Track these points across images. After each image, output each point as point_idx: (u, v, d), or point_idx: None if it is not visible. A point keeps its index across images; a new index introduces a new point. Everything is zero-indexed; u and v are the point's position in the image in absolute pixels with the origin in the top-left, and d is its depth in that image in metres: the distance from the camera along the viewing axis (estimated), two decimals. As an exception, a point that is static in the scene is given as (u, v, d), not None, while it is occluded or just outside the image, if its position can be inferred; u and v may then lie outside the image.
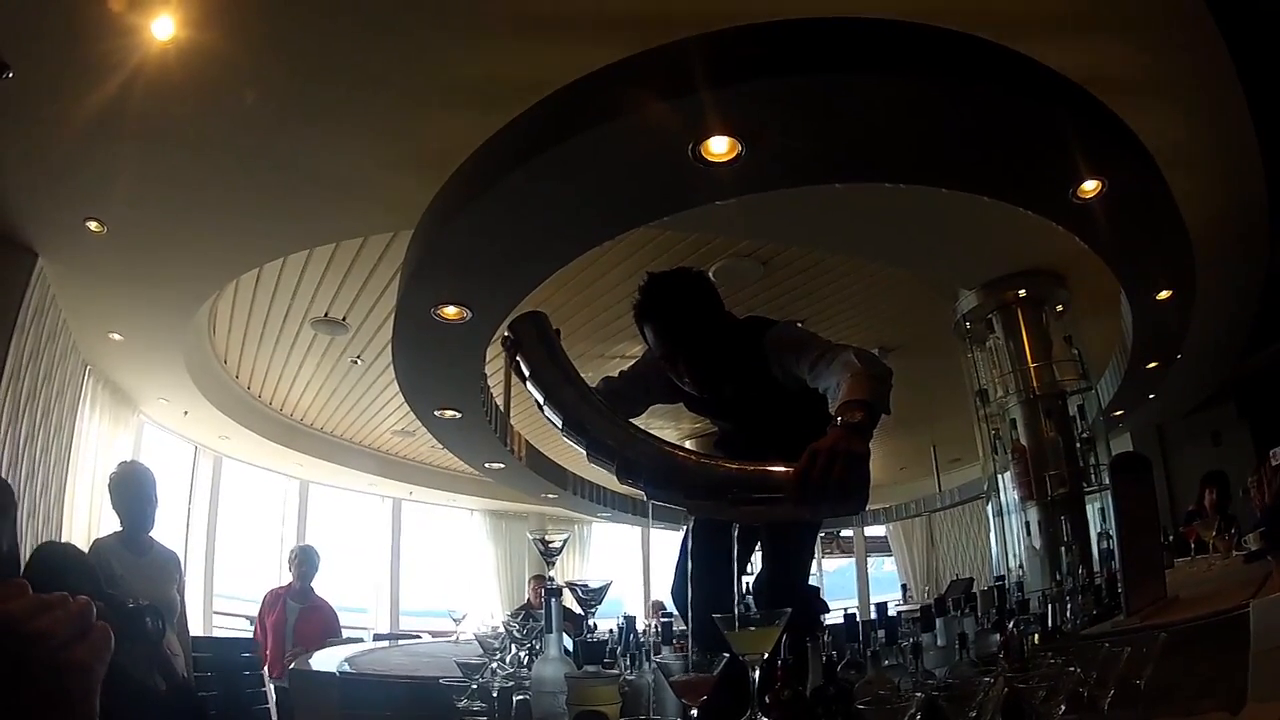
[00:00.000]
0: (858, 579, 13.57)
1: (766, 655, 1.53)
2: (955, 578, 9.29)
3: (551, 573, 1.94)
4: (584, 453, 1.90)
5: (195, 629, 7.95)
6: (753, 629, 1.53)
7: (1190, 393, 7.74)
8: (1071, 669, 1.54)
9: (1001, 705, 1.54)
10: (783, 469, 1.68)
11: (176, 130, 3.74)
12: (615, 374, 2.78)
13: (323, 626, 5.93)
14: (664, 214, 3.53)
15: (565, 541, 1.98)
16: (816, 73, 2.84)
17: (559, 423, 1.93)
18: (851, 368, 1.96)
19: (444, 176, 3.65)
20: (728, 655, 1.51)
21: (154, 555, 3.92)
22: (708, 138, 2.99)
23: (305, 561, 6.13)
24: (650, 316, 2.38)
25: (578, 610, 2.07)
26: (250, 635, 6.39)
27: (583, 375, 2.07)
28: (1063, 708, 1.49)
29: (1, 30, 3.15)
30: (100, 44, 3.23)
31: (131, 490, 3.93)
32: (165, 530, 7.83)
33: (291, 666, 3.66)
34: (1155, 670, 1.65)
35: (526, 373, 2.05)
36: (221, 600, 8.75)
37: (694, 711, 1.49)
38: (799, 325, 2.53)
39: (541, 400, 1.99)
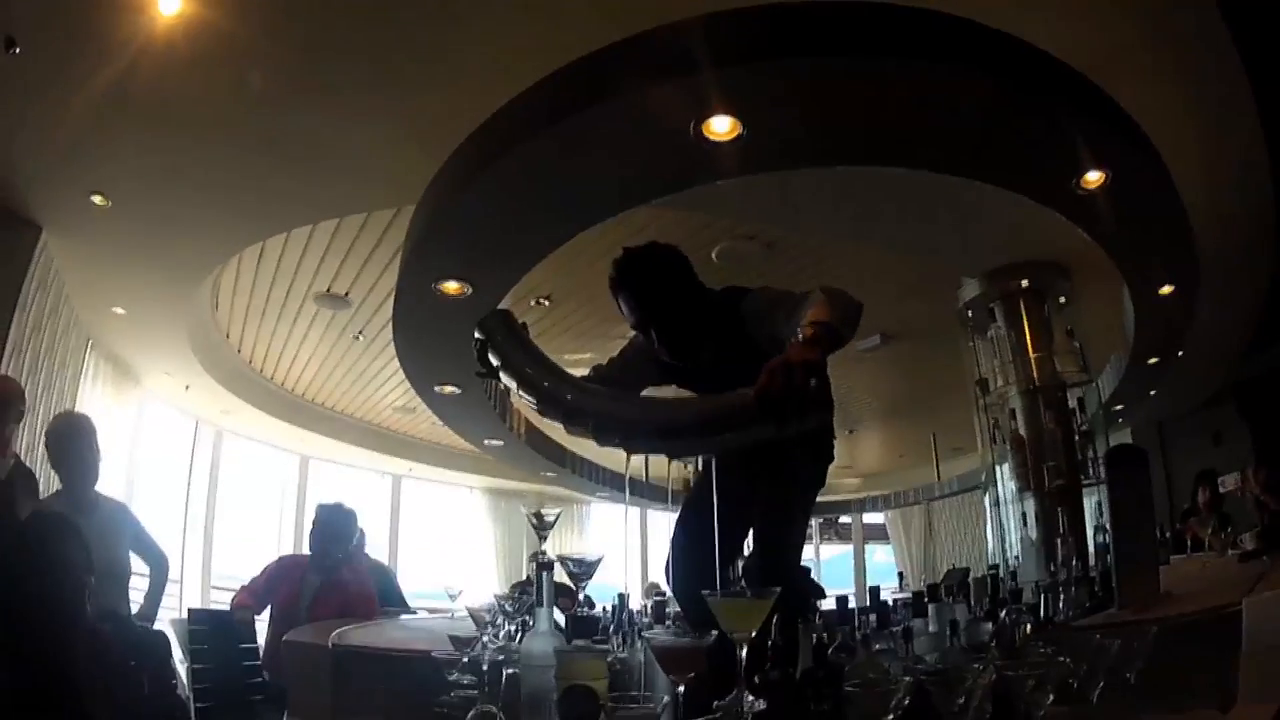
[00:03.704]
0: (855, 567, 13.61)
1: (755, 634, 1.53)
2: (952, 567, 9.31)
3: (544, 547, 1.94)
4: (563, 427, 1.92)
5: (194, 603, 8.04)
6: (739, 604, 1.53)
7: (1192, 391, 7.72)
8: (1061, 659, 1.54)
9: (990, 693, 1.54)
10: (745, 391, 1.72)
11: (181, 105, 3.75)
12: (604, 361, 2.84)
13: (343, 609, 4.23)
14: (665, 192, 3.53)
15: (558, 516, 1.98)
16: (818, 55, 2.84)
17: (534, 400, 1.95)
18: (816, 298, 2.04)
19: (447, 153, 3.64)
20: (717, 632, 1.51)
21: (101, 513, 3.77)
22: (709, 117, 3.00)
23: (334, 524, 4.62)
24: (622, 287, 2.53)
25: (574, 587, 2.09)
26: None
27: (579, 356, 2.09)
28: (1051, 697, 1.49)
29: (8, 5, 3.15)
30: (106, 19, 3.25)
31: (74, 443, 3.78)
32: (165, 505, 7.87)
33: (285, 638, 3.60)
34: (1145, 665, 1.65)
35: (497, 363, 2.06)
36: (220, 578, 8.76)
37: (681, 688, 1.49)
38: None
39: (515, 385, 2.00)
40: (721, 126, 3.06)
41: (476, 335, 2.12)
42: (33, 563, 2.53)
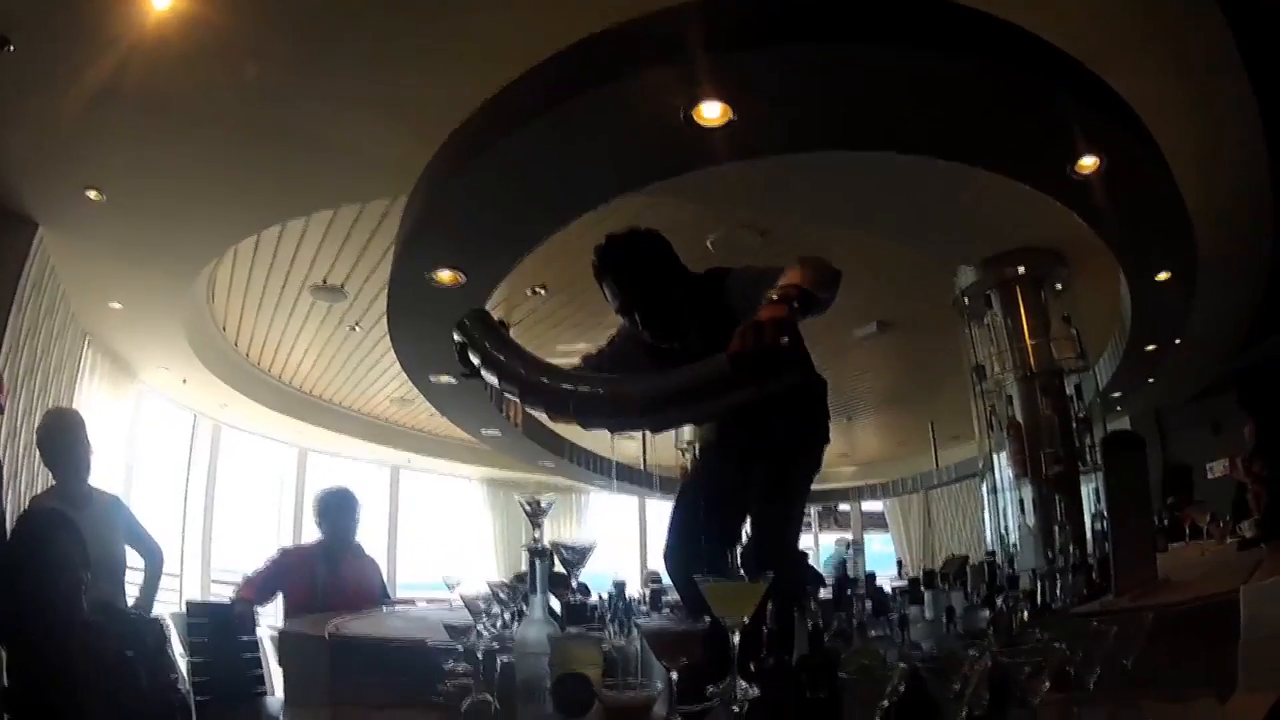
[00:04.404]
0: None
1: (749, 620, 1.52)
2: (951, 554, 9.32)
3: (537, 534, 1.94)
4: (547, 417, 1.93)
5: (194, 596, 8.04)
6: (730, 589, 1.53)
7: (1190, 379, 7.72)
8: (1058, 646, 1.54)
9: (986, 679, 1.54)
10: (720, 356, 1.75)
11: (175, 98, 3.73)
12: (594, 351, 2.89)
13: (346, 601, 4.05)
14: (657, 178, 3.54)
15: (551, 504, 1.98)
16: (810, 41, 2.84)
17: (515, 392, 1.96)
18: (792, 266, 2.06)
19: (441, 142, 3.63)
20: (710, 619, 1.51)
21: (94, 507, 3.78)
22: (700, 103, 3.00)
23: (338, 510, 4.48)
24: (605, 273, 2.59)
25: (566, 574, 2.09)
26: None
27: (574, 346, 2.09)
28: (1047, 684, 1.49)
29: (0, 2, 3.14)
30: (99, 14, 3.23)
31: (64, 438, 3.81)
32: (164, 499, 7.87)
33: (280, 628, 3.59)
34: (1142, 652, 1.65)
35: (477, 362, 2.06)
36: (219, 571, 8.75)
37: (674, 675, 1.49)
38: None
39: (496, 381, 2.01)
40: (712, 113, 3.06)
41: (455, 337, 2.13)
42: (29, 559, 2.53)
